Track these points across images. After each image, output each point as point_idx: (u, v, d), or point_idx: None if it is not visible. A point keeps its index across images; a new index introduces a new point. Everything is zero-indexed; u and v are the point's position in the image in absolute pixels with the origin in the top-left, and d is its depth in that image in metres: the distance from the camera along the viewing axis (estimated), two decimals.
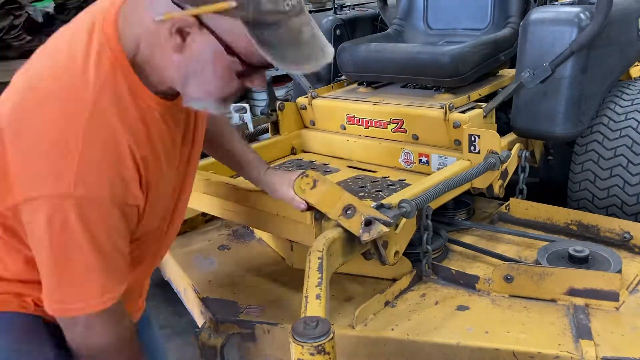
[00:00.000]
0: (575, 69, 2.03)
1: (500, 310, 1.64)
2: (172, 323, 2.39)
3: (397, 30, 2.75)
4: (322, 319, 1.13)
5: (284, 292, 1.86)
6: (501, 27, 2.49)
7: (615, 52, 2.22)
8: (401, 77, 2.39)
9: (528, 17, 2.12)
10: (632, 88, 2.27)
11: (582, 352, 1.41)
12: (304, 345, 1.07)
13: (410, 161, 2.22)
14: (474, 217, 2.22)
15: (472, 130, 1.98)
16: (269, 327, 1.69)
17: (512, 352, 1.46)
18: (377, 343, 1.58)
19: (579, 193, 2.20)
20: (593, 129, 2.18)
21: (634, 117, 2.13)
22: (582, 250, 1.72)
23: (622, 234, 1.88)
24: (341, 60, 2.47)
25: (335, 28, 2.78)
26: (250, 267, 2.06)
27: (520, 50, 2.13)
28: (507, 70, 2.56)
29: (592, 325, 1.51)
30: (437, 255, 1.88)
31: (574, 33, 1.99)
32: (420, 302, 1.71)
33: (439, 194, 1.73)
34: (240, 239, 2.30)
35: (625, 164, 2.07)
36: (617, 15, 2.10)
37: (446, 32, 2.64)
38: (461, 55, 2.17)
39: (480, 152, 1.97)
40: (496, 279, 1.69)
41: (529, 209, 2.08)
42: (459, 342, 1.51)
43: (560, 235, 1.99)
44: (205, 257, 2.18)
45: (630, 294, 1.64)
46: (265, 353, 1.72)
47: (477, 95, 2.29)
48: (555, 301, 1.64)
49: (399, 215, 1.58)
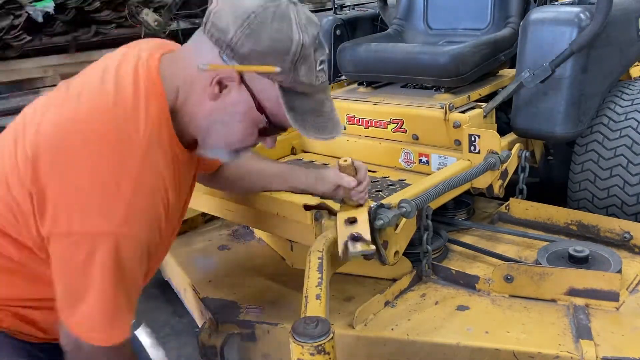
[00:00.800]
0: (576, 69, 2.03)
1: (500, 310, 1.64)
2: (172, 323, 2.39)
3: (397, 30, 2.75)
4: (322, 319, 1.13)
5: (284, 292, 1.86)
6: (501, 27, 2.48)
7: (615, 52, 2.22)
8: (401, 77, 2.39)
9: (528, 17, 2.12)
10: (632, 88, 2.27)
11: (582, 352, 1.41)
12: (304, 345, 1.07)
13: (410, 161, 2.22)
14: (474, 217, 2.22)
15: (472, 130, 1.98)
16: (269, 327, 1.69)
17: (512, 352, 1.46)
18: (377, 343, 1.58)
19: (579, 193, 2.20)
20: (593, 129, 2.18)
21: (634, 117, 2.13)
22: (582, 250, 1.72)
23: (622, 234, 1.88)
24: (341, 60, 2.47)
25: (335, 28, 2.77)
26: (250, 267, 2.06)
27: (520, 50, 2.13)
28: (507, 70, 2.56)
29: (592, 325, 1.51)
30: (437, 255, 1.88)
31: (574, 33, 1.99)
32: (420, 302, 1.71)
33: (439, 194, 1.73)
34: (240, 239, 2.30)
35: (625, 164, 2.07)
36: (617, 15, 2.10)
37: (446, 32, 2.64)
38: (461, 55, 2.17)
39: (480, 152, 1.97)
40: (496, 279, 1.69)
41: (529, 209, 2.08)
42: (459, 342, 1.51)
43: (560, 235, 1.99)
44: (205, 257, 2.18)
45: (630, 294, 1.64)
46: (265, 353, 1.72)
47: (477, 95, 2.29)
48: (556, 301, 1.64)
49: (399, 215, 1.57)
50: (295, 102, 1.08)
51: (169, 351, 2.24)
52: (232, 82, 1.06)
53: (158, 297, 2.48)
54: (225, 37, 1.03)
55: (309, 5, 5.87)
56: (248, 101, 1.08)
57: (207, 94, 1.08)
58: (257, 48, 1.02)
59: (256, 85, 1.07)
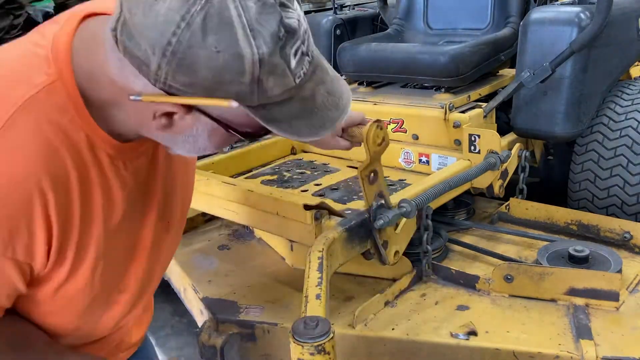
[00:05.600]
0: (576, 68, 2.03)
1: (500, 310, 1.64)
2: (172, 323, 2.39)
3: (397, 30, 2.75)
4: (322, 319, 1.12)
5: (284, 292, 1.86)
6: (501, 27, 2.48)
7: (615, 51, 2.22)
8: (401, 77, 2.39)
9: (528, 16, 2.12)
10: (632, 88, 2.27)
11: (582, 352, 1.41)
12: (304, 345, 1.07)
13: (410, 161, 2.22)
14: (474, 217, 2.22)
15: (472, 130, 1.98)
16: (269, 327, 1.69)
17: (512, 352, 1.46)
18: (377, 343, 1.58)
19: (579, 193, 2.20)
20: (593, 128, 2.18)
21: (634, 117, 2.13)
22: (582, 250, 1.72)
23: (622, 234, 1.88)
24: (341, 60, 2.47)
25: (335, 28, 2.78)
26: (250, 267, 2.05)
27: (521, 50, 2.13)
28: (507, 70, 2.56)
29: (592, 325, 1.51)
30: (437, 255, 1.88)
31: (574, 33, 1.99)
32: (420, 302, 1.71)
33: (439, 193, 1.73)
34: (240, 239, 2.29)
35: (626, 164, 2.07)
36: (617, 15, 2.10)
37: (446, 32, 2.64)
38: (461, 55, 2.17)
39: (480, 152, 1.97)
40: (496, 279, 1.69)
41: (529, 208, 2.08)
42: (459, 342, 1.51)
43: (560, 235, 1.98)
44: (205, 257, 2.18)
45: (630, 294, 1.64)
46: (265, 353, 1.72)
47: (477, 95, 2.29)
48: (556, 301, 1.64)
49: (399, 215, 1.57)
50: (274, 113, 0.80)
51: (169, 351, 2.24)
52: (180, 110, 0.79)
53: (158, 296, 2.47)
54: (148, 69, 0.74)
55: (308, 5, 5.78)
56: (210, 123, 0.82)
57: (154, 126, 0.82)
58: (195, 80, 0.73)
59: (214, 110, 0.80)
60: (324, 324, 1.10)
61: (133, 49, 0.73)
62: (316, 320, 1.11)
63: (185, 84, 0.74)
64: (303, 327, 1.10)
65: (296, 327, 1.10)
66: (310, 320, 1.11)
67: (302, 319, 1.13)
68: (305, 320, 1.11)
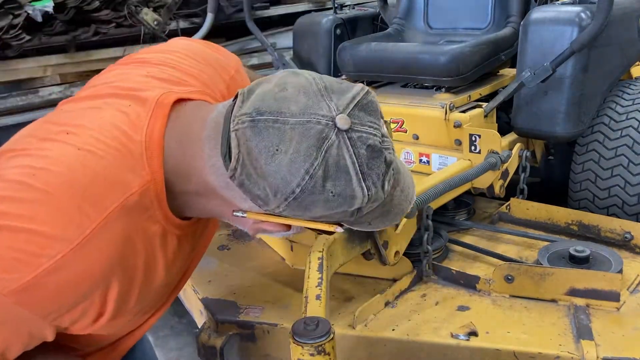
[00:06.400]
0: (576, 68, 2.03)
1: (500, 310, 1.63)
2: (172, 323, 2.39)
3: (398, 29, 2.74)
4: (322, 319, 1.12)
5: (284, 292, 1.86)
6: (502, 27, 2.48)
7: (616, 51, 2.22)
8: (401, 76, 2.38)
9: (529, 16, 2.12)
10: (633, 88, 2.27)
11: (583, 352, 1.40)
12: (304, 345, 1.07)
13: (410, 161, 2.22)
14: (475, 217, 2.22)
15: (473, 129, 1.98)
16: (269, 327, 1.69)
17: (512, 352, 1.46)
18: (377, 343, 1.58)
19: (580, 193, 2.19)
20: (594, 128, 2.18)
21: (634, 116, 2.12)
22: (583, 251, 1.71)
23: (623, 234, 1.87)
24: (341, 60, 2.46)
25: (335, 27, 2.77)
26: (250, 267, 2.05)
27: (521, 49, 2.13)
28: (507, 69, 2.56)
29: (593, 326, 1.51)
30: (438, 255, 1.88)
31: (574, 32, 1.99)
32: (420, 303, 1.70)
33: (439, 193, 1.72)
34: (240, 239, 2.29)
35: (626, 164, 2.07)
36: (618, 14, 2.10)
37: (446, 32, 2.64)
38: (461, 54, 2.17)
39: (480, 152, 1.96)
40: (497, 279, 1.68)
41: (529, 209, 2.08)
42: (460, 342, 1.51)
43: (561, 235, 1.98)
44: (204, 258, 2.16)
45: (631, 294, 1.64)
46: (265, 353, 1.72)
47: (477, 94, 2.28)
48: (556, 301, 1.63)
49: None
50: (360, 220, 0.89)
51: (169, 351, 2.24)
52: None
53: None
54: (265, 205, 0.83)
55: (309, 5, 5.48)
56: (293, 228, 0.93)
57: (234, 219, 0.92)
58: (308, 215, 0.84)
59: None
60: (324, 324, 1.10)
61: (251, 186, 0.81)
62: (316, 321, 1.10)
63: (296, 215, 0.84)
64: (303, 327, 1.09)
65: (296, 328, 1.10)
66: (310, 321, 1.11)
67: (302, 319, 1.12)
68: (305, 321, 1.11)
